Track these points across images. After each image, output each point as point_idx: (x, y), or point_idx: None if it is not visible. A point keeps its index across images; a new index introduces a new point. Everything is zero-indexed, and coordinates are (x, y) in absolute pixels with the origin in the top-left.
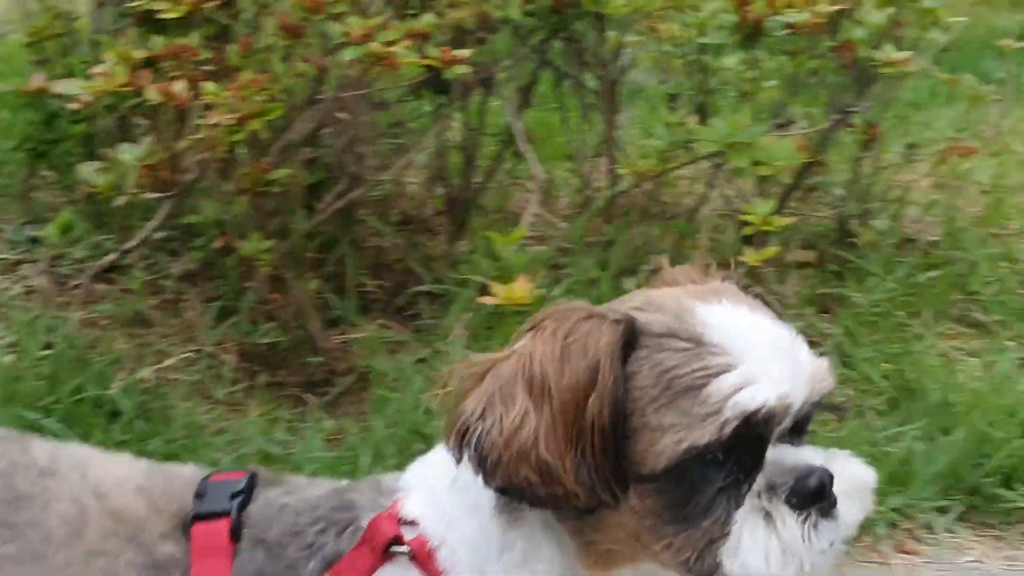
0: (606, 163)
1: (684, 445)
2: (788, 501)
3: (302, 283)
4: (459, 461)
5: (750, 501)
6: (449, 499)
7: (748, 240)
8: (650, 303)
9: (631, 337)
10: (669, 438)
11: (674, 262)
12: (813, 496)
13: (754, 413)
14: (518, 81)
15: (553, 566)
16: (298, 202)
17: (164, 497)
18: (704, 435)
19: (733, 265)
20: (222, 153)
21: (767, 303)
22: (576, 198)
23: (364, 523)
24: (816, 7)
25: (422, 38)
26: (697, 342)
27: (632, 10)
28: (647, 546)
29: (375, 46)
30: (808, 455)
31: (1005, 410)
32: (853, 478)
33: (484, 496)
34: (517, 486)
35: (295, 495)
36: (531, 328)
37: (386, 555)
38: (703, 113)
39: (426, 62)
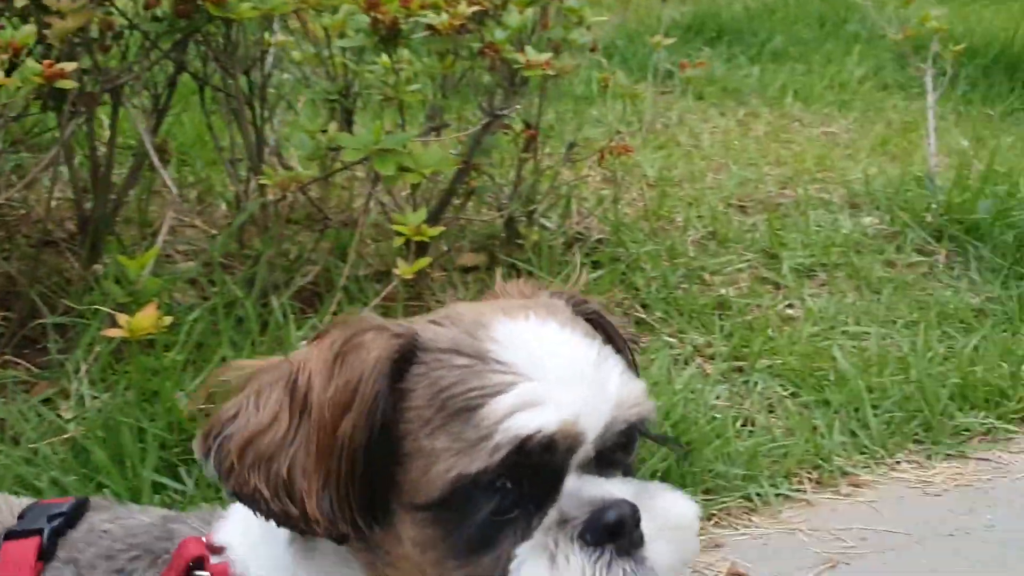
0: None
1: (453, 473)
2: (581, 537)
3: None
4: (204, 464)
5: (538, 536)
6: (256, 525)
7: (407, 248)
8: (449, 316)
9: (408, 352)
10: (441, 465)
11: (331, 273)
12: (609, 532)
13: (528, 439)
14: (153, 89)
15: None
16: None
17: None
18: (475, 462)
19: (575, 279)
20: None
21: (602, 323)
22: (233, 208)
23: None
24: (456, 8)
25: (15, 51)
26: (480, 359)
27: (262, 14)
28: None
29: None
30: (613, 488)
31: (659, 412)
32: (670, 516)
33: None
34: (248, 495)
35: (120, 521)
36: (316, 337)
37: None
38: (349, 118)
39: (28, 79)
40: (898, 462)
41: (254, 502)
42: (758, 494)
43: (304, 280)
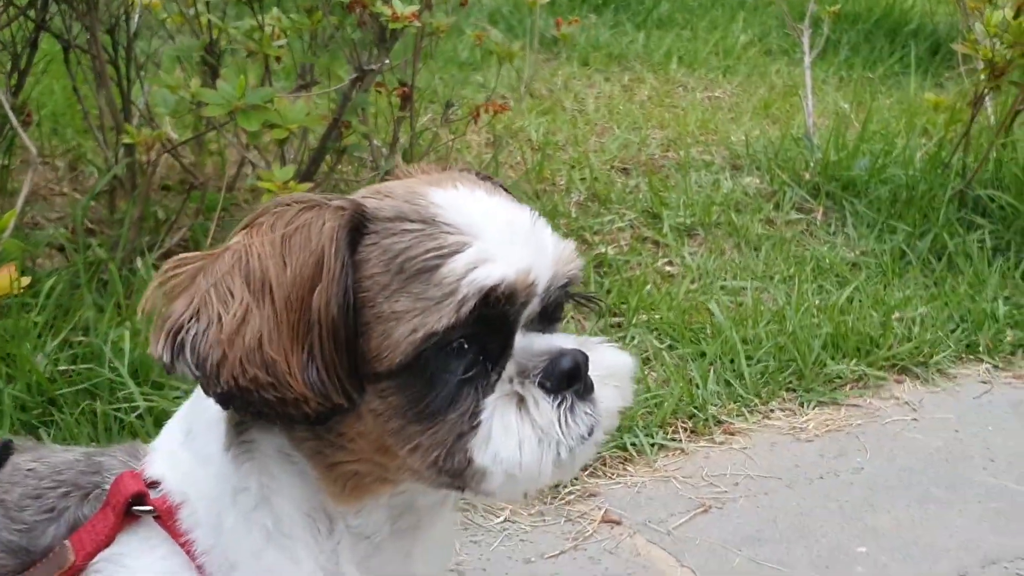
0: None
1: (421, 332)
2: (541, 385)
3: None
4: (171, 369)
5: (500, 388)
6: (184, 453)
7: None
8: (379, 191)
9: (358, 223)
10: (404, 327)
11: (199, 236)
12: (567, 378)
13: (493, 289)
14: (12, 49)
15: (295, 500)
16: None
17: None
18: (442, 318)
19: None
20: None
21: (507, 192)
22: (103, 174)
23: (107, 487)
24: None
25: None
26: (430, 223)
27: None
28: (394, 454)
29: None
30: (560, 340)
31: None
32: (610, 364)
33: (213, 441)
34: (244, 389)
35: (44, 460)
36: (247, 225)
37: (128, 516)
38: (215, 76)
39: None
40: (771, 410)
41: (249, 396)
42: (633, 444)
43: (172, 242)
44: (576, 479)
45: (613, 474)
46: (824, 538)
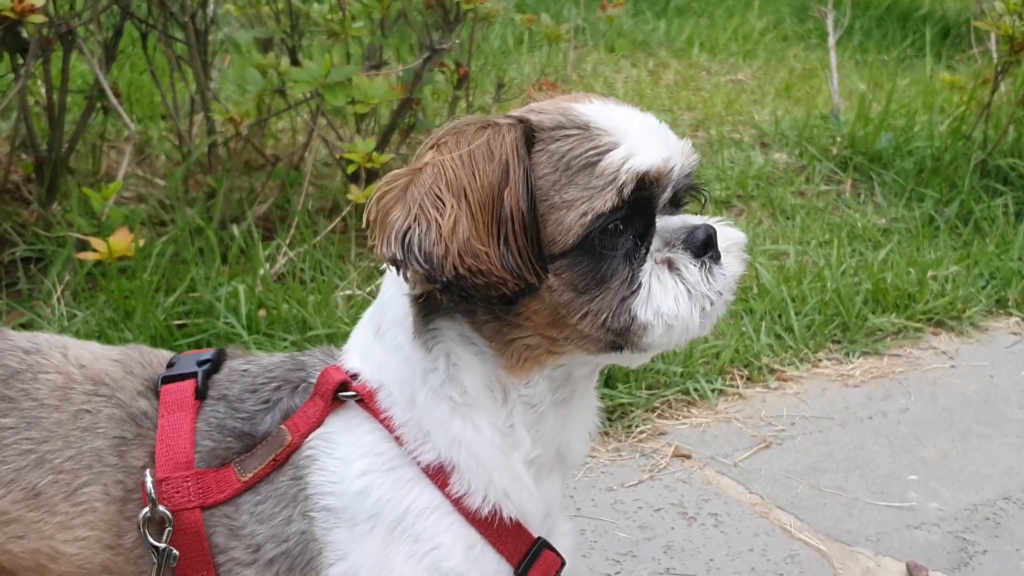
0: (202, 116)
1: (590, 214)
2: (686, 251)
3: None
4: (401, 266)
5: (650, 259)
6: (376, 347)
7: (354, 179)
8: (532, 110)
9: (529, 133)
10: (575, 212)
11: (281, 208)
12: (703, 246)
13: (645, 174)
14: (101, 35)
15: (475, 375)
16: None
17: (138, 366)
18: (607, 201)
19: None
20: None
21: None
22: (175, 155)
23: (313, 380)
24: None
25: None
26: (585, 128)
27: None
28: (564, 324)
29: None
30: (690, 218)
31: None
32: (731, 237)
33: (402, 334)
34: (460, 277)
35: (255, 362)
36: (433, 146)
37: (335, 401)
38: (295, 58)
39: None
40: (820, 360)
41: (464, 283)
42: (695, 389)
43: (261, 210)
44: (646, 419)
45: (679, 416)
46: (878, 468)
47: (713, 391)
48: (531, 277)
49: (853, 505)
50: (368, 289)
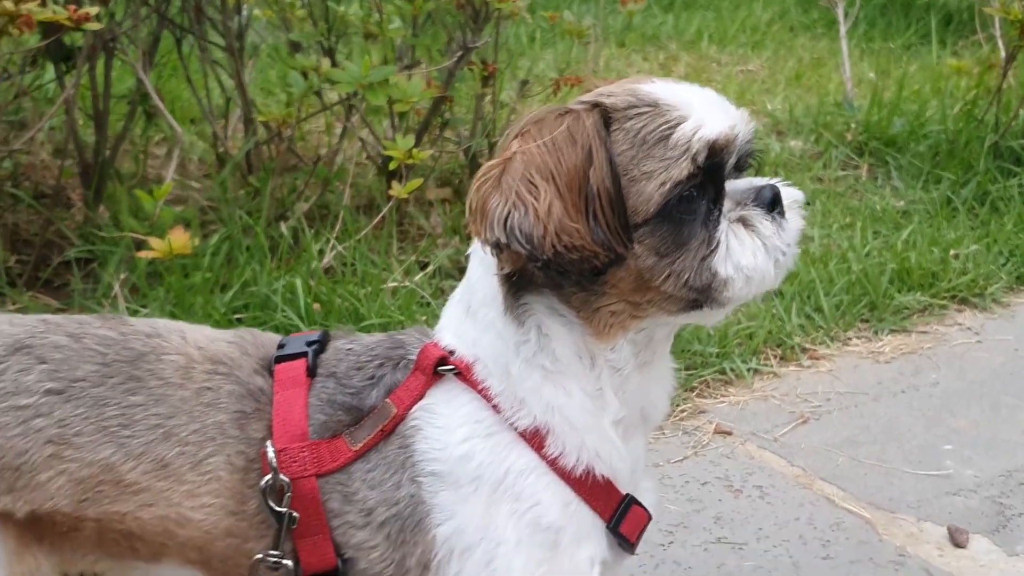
0: (239, 118)
1: (669, 183)
2: (756, 208)
3: None
4: (504, 248)
5: (725, 218)
6: (468, 325)
7: (392, 176)
8: (602, 93)
9: (606, 116)
10: (654, 183)
11: (321, 207)
12: (771, 203)
13: (715, 142)
14: (141, 43)
15: (565, 343)
16: None
17: (252, 347)
18: (683, 170)
19: None
20: None
21: None
22: (210, 157)
23: (412, 356)
24: None
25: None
26: (655, 106)
27: None
28: (648, 288)
29: (7, 3)
30: (755, 180)
31: None
32: (792, 195)
33: (493, 311)
34: (558, 254)
35: (358, 342)
36: (516, 136)
37: (435, 375)
38: (333, 59)
39: (58, 18)
40: (850, 338)
41: (561, 260)
42: (732, 369)
43: (304, 208)
44: (686, 398)
45: (717, 395)
46: (913, 439)
47: (749, 370)
48: (620, 248)
49: (892, 474)
50: (415, 279)
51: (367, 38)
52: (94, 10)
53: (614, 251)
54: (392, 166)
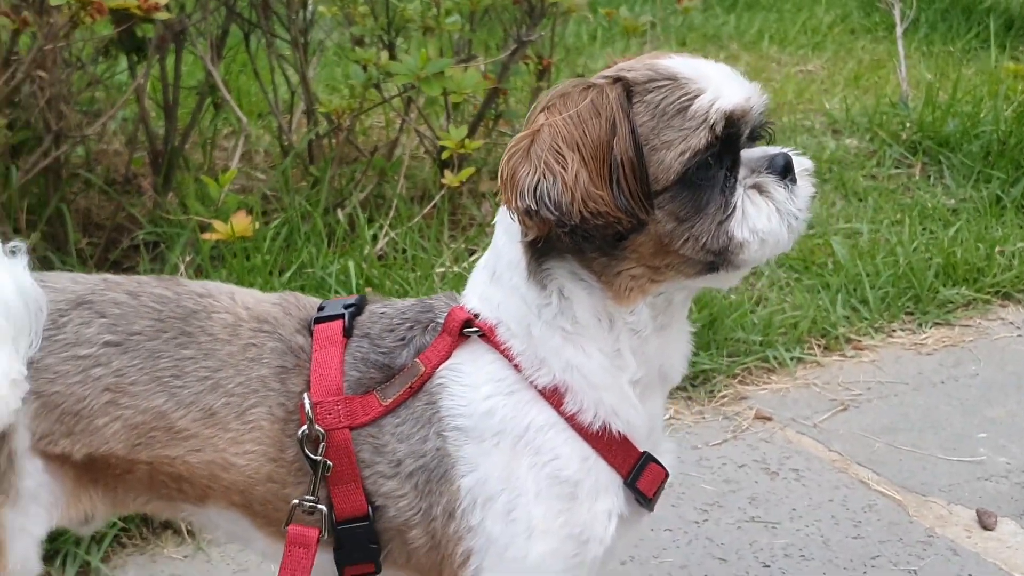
0: (301, 110)
1: (688, 152)
2: (770, 175)
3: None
4: (532, 215)
5: (741, 185)
6: (493, 289)
7: (446, 166)
8: (622, 68)
9: (628, 89)
10: (673, 152)
11: (378, 196)
12: (784, 170)
13: (731, 113)
14: (210, 34)
15: (585, 306)
16: (6, 159)
17: (294, 308)
18: (701, 139)
19: None
20: None
21: None
22: (274, 149)
23: (441, 320)
24: None
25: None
26: (673, 79)
27: None
28: (667, 252)
29: None
30: (768, 149)
31: None
32: (802, 163)
33: (517, 275)
34: (584, 219)
35: (390, 306)
36: (543, 109)
37: (461, 337)
38: (391, 53)
39: (128, 4)
40: (894, 330)
41: (586, 222)
42: (775, 357)
43: (360, 197)
44: (727, 385)
45: (759, 382)
46: (950, 427)
47: (792, 359)
48: (642, 214)
49: (927, 460)
50: (464, 264)
51: (425, 32)
52: (163, 0)
53: (636, 217)
54: (445, 156)
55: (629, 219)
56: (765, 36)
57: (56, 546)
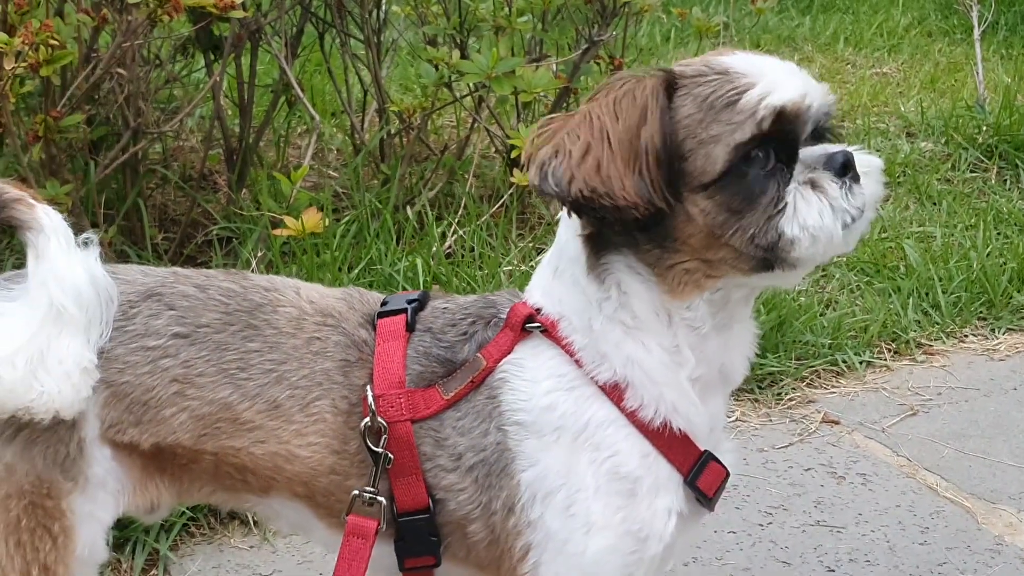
0: (374, 109)
1: (733, 145)
2: (826, 171)
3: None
4: (540, 191)
5: (795, 181)
6: (555, 284)
7: (515, 165)
8: (680, 63)
9: (671, 82)
10: (721, 145)
11: (447, 195)
12: (843, 167)
13: (783, 108)
14: (285, 34)
15: (643, 301)
16: (85, 154)
17: (359, 303)
18: (746, 132)
19: None
20: (13, 102)
21: None
22: (347, 148)
23: (503, 315)
24: None
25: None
26: (725, 73)
27: None
28: (718, 246)
29: None
30: (828, 146)
31: None
32: (868, 162)
33: (578, 270)
34: (587, 199)
35: (452, 301)
36: (591, 97)
37: (523, 332)
38: (463, 52)
39: (205, 3)
40: (966, 335)
41: (590, 201)
42: (843, 360)
43: (430, 195)
44: (795, 388)
45: (827, 386)
46: (1021, 434)
47: (861, 363)
48: (660, 202)
49: (997, 467)
50: (531, 263)
51: (497, 32)
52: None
53: (654, 205)
54: (515, 154)
55: (646, 206)
56: (840, 38)
57: (126, 534)
